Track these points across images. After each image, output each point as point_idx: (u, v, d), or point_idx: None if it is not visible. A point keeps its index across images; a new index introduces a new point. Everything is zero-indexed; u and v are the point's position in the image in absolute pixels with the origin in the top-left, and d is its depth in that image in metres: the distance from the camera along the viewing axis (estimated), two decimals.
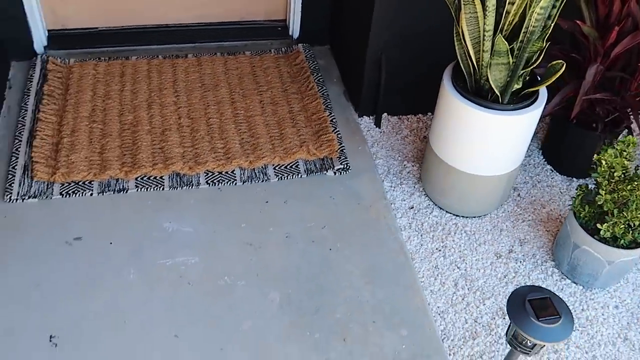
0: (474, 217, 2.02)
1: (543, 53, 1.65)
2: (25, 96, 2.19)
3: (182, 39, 2.53)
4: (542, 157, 2.26)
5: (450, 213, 2.02)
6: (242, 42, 2.57)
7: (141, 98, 2.23)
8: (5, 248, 1.76)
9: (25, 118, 2.11)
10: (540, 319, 1.34)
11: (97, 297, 1.68)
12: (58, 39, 2.44)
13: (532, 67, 1.66)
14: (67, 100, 2.19)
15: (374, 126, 2.31)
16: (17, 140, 2.03)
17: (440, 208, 2.03)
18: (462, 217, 2.01)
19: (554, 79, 1.65)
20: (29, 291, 1.67)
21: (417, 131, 2.31)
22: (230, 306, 1.69)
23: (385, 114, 2.34)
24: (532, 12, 1.53)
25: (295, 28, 2.59)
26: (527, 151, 2.27)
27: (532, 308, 1.36)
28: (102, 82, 2.28)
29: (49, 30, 2.43)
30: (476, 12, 1.61)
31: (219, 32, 2.58)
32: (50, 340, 1.57)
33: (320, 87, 2.34)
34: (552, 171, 2.22)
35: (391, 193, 2.07)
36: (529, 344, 1.38)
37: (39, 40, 2.38)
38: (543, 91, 1.79)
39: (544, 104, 1.77)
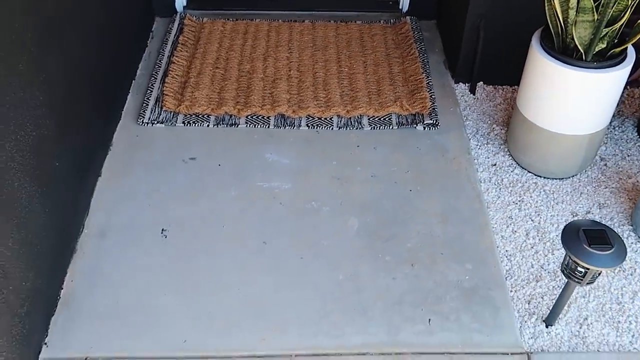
0: (555, 178, 2.09)
1: (629, 12, 1.72)
2: (164, 44, 2.55)
3: (301, 6, 2.80)
4: (636, 134, 2.28)
5: (532, 173, 2.10)
6: (355, 12, 2.79)
7: (259, 52, 2.51)
8: (135, 160, 2.10)
9: (161, 61, 2.46)
10: (592, 246, 1.43)
11: (203, 204, 1.96)
12: (196, 0, 2.80)
13: (616, 27, 1.73)
14: (197, 50, 2.52)
15: (469, 92, 2.44)
16: (152, 77, 2.38)
17: (523, 168, 2.12)
18: (543, 177, 2.09)
19: (636, 38, 1.71)
20: (150, 193, 1.98)
21: (510, 100, 2.40)
22: (313, 225, 1.90)
23: (481, 82, 2.46)
24: None
25: (405, 2, 2.78)
26: (621, 127, 2.29)
27: (586, 237, 1.45)
28: (228, 37, 2.60)
29: None
30: None
31: (335, 2, 2.82)
32: (162, 232, 1.87)
33: (421, 54, 2.51)
34: None
35: (476, 151, 2.19)
36: (581, 271, 1.47)
37: (180, 0, 2.75)
38: (631, 53, 1.84)
39: (631, 66, 1.83)
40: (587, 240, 1.44)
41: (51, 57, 1.68)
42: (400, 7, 2.81)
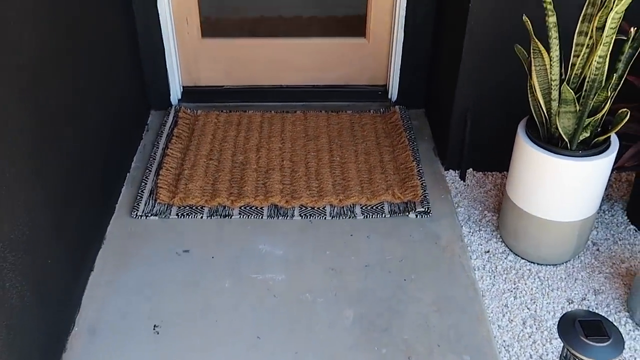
0: (549, 264, 2.09)
1: (609, 103, 1.78)
2: (158, 137, 2.61)
3: (293, 98, 2.88)
4: (626, 217, 2.30)
5: (525, 259, 2.11)
6: (345, 102, 2.88)
7: (252, 143, 2.57)
8: (129, 253, 2.09)
9: (156, 153, 2.51)
10: (589, 338, 1.42)
11: (196, 298, 1.94)
12: (190, 93, 2.89)
13: (598, 117, 1.79)
14: (191, 142, 2.57)
15: (459, 179, 2.48)
16: (147, 170, 2.42)
17: (516, 254, 2.13)
18: (537, 264, 2.09)
19: (617, 128, 1.77)
20: (143, 288, 1.97)
21: (500, 186, 2.44)
22: (308, 318, 1.88)
23: (471, 169, 2.51)
24: (592, 61, 1.69)
25: (393, 92, 2.87)
26: (611, 210, 2.32)
27: (582, 328, 1.44)
28: (222, 129, 2.66)
29: (183, 86, 2.89)
30: (544, 64, 1.79)
31: (326, 94, 2.91)
32: (154, 329, 1.84)
33: (411, 142, 2.57)
34: (637, 231, 2.25)
35: (469, 237, 2.20)
36: None
37: (175, 94, 2.84)
38: (614, 141, 1.90)
39: (615, 153, 1.88)
40: (584, 332, 1.43)
41: (48, 155, 1.71)
42: (389, 96, 2.90)
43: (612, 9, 1.62)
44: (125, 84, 2.52)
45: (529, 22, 1.76)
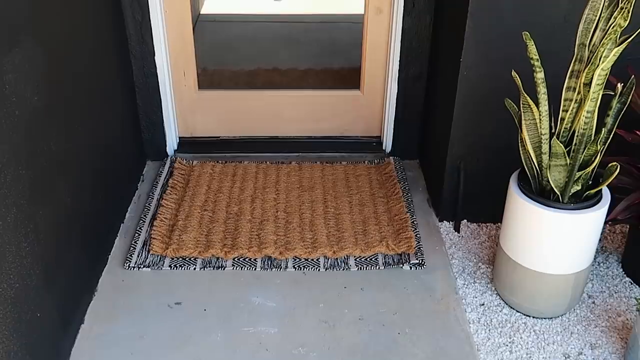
0: (544, 318, 2.07)
1: (599, 157, 1.80)
2: (154, 187, 2.62)
3: (288, 149, 2.91)
4: (621, 270, 2.29)
5: (520, 312, 2.09)
6: (340, 153, 2.90)
7: (247, 194, 2.57)
8: (120, 305, 2.07)
9: (150, 204, 2.51)
10: None
11: (188, 352, 1.91)
12: (186, 144, 2.92)
13: (588, 170, 1.80)
14: (186, 192, 2.58)
15: (454, 231, 2.47)
16: (141, 221, 2.42)
17: (511, 307, 2.11)
18: (532, 317, 2.07)
19: (608, 181, 1.78)
20: (134, 341, 1.94)
21: (494, 238, 2.44)
22: None
23: (465, 220, 2.51)
24: (581, 116, 1.71)
25: (388, 143, 2.90)
26: (606, 262, 2.31)
27: None
28: (217, 179, 2.67)
29: (179, 137, 2.92)
30: (534, 119, 1.81)
31: (321, 145, 2.93)
32: None
33: (405, 193, 2.58)
34: (632, 283, 2.23)
35: (463, 290, 2.19)
36: None
37: (171, 144, 2.86)
38: (606, 194, 1.90)
39: (607, 206, 1.88)
40: None
41: (41, 206, 1.71)
42: (383, 147, 2.93)
43: (598, 65, 1.66)
44: (121, 135, 2.55)
45: (518, 78, 1.79)
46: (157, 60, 2.66)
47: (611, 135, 1.85)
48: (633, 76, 1.86)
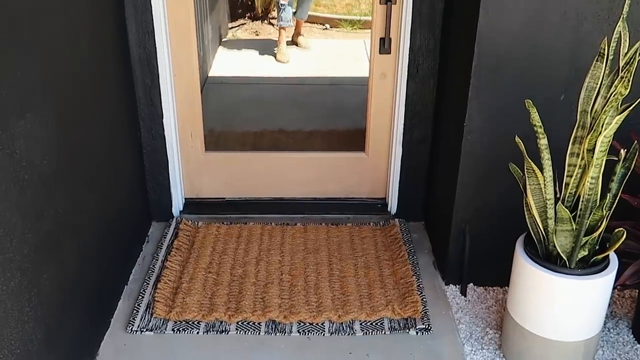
0: None
1: (605, 222, 1.79)
2: (158, 249, 2.61)
3: (293, 210, 2.91)
4: (631, 336, 2.25)
5: None
6: (345, 215, 2.90)
7: (251, 256, 2.57)
8: None
9: (155, 266, 2.50)
10: None
11: None
12: (192, 205, 2.93)
13: (595, 235, 1.80)
14: (191, 254, 2.57)
15: (460, 294, 2.45)
16: (145, 283, 2.40)
17: None
18: None
19: (615, 247, 1.77)
20: None
21: (502, 302, 2.40)
22: None
23: (472, 284, 2.48)
24: (585, 181, 1.72)
25: (393, 205, 2.90)
26: (616, 328, 2.27)
27: None
28: (222, 241, 2.66)
29: (185, 198, 2.93)
30: (539, 184, 1.82)
31: (326, 206, 2.94)
32: None
33: (410, 256, 2.56)
34: None
35: (471, 356, 2.14)
36: None
37: (177, 205, 2.87)
38: (613, 260, 1.89)
39: (615, 272, 1.87)
40: None
41: (45, 268, 1.71)
42: (388, 209, 2.93)
43: (600, 133, 1.68)
44: (127, 197, 2.56)
45: (521, 143, 1.81)
46: (165, 123, 2.70)
47: (616, 200, 1.85)
48: (636, 141, 1.87)
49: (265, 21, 6.01)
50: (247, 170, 2.95)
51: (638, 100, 1.72)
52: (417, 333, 2.19)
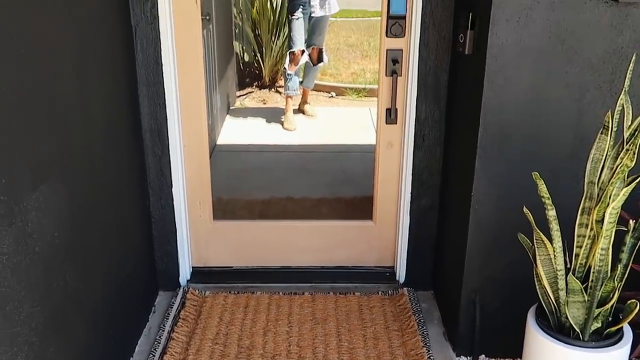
0: None
1: (617, 293, 1.77)
2: (165, 319, 2.58)
3: (301, 279, 2.89)
4: None
5: None
6: (353, 284, 2.88)
7: (259, 326, 2.53)
8: None
9: (161, 337, 2.47)
10: None
11: None
12: (199, 274, 2.92)
13: (607, 307, 1.77)
14: (198, 324, 2.54)
15: None
16: (151, 354, 2.36)
17: None
18: None
19: (629, 319, 1.74)
20: None
21: None
22: None
23: (483, 355, 2.43)
24: (595, 252, 1.71)
25: (401, 274, 2.88)
26: None
27: None
28: (229, 311, 2.64)
29: (193, 267, 2.92)
30: (549, 254, 1.81)
31: (334, 275, 2.92)
32: None
33: (420, 327, 2.52)
34: None
35: None
36: None
37: (184, 274, 2.86)
38: (627, 332, 1.86)
39: (630, 344, 1.83)
40: None
41: (53, 345, 1.69)
42: (397, 278, 2.91)
43: (608, 204, 1.68)
44: (135, 266, 2.56)
45: (529, 214, 1.82)
46: (174, 192, 2.73)
47: (627, 271, 1.84)
48: None
49: (273, 89, 6.15)
50: (254, 238, 2.95)
51: None
52: None
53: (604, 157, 1.75)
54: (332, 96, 6.15)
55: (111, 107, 2.26)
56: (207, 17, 3.93)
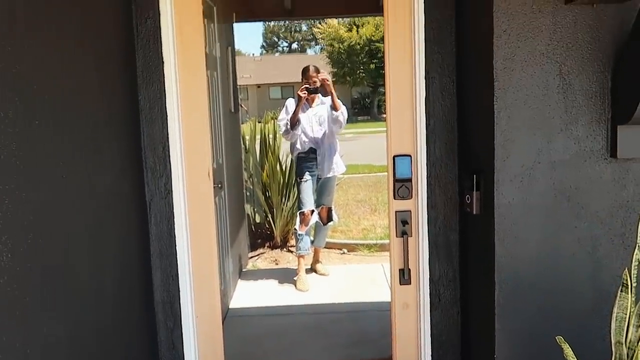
0: None
1: None
2: None
3: None
4: None
5: None
6: None
7: None
8: None
9: None
10: None
11: None
12: None
13: None
14: None
15: None
16: None
17: None
18: None
19: None
20: None
21: None
22: None
23: None
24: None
25: None
26: None
27: None
28: None
29: None
30: None
31: None
32: None
33: None
34: None
35: None
36: None
37: None
38: None
39: None
40: None
41: None
42: None
43: None
44: None
45: (564, 342, 1.72)
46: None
47: None
48: None
49: (284, 249, 6.18)
50: None
51: None
52: None
53: (627, 316, 1.70)
54: (344, 253, 6.16)
55: (124, 282, 2.27)
56: (219, 185, 4.06)
